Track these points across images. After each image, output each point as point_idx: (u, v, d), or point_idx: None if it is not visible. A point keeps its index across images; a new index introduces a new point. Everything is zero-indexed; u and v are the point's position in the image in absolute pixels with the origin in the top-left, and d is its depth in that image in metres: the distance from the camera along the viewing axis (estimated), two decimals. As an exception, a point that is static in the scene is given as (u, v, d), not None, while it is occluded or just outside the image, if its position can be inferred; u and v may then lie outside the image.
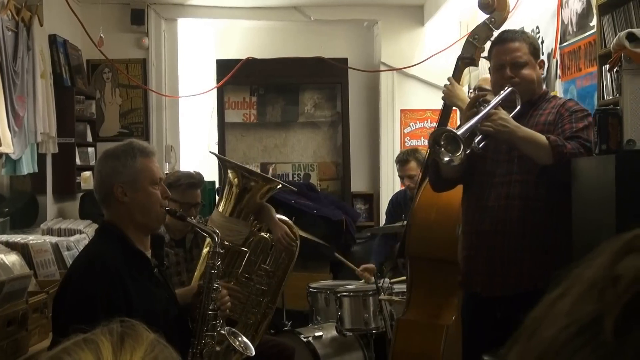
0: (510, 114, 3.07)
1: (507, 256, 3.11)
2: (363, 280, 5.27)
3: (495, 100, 3.05)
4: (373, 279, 5.12)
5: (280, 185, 3.79)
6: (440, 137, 2.94)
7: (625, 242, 0.54)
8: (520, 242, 3.09)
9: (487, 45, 3.49)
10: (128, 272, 2.61)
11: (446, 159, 2.93)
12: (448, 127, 3.06)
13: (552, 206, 3.08)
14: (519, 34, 3.24)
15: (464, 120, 3.06)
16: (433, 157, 3.04)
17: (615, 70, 2.85)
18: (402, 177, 5.52)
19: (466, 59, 3.56)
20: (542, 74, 3.32)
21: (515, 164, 3.11)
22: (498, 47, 3.22)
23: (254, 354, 3.17)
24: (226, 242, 3.53)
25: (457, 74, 3.60)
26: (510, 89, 3.13)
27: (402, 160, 5.50)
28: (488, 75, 4.10)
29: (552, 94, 3.39)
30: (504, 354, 0.55)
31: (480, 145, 3.02)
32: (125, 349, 0.93)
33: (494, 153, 3.17)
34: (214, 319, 2.87)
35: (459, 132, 2.89)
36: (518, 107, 3.13)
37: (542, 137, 2.97)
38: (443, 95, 3.57)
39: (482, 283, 3.20)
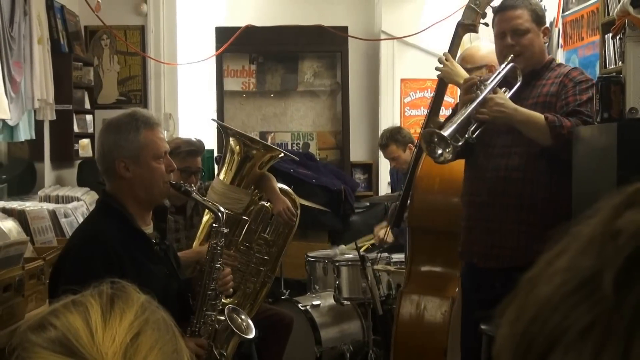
0: (510, 90, 3.03)
1: (504, 229, 3.07)
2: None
3: (492, 83, 2.98)
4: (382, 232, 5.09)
5: (282, 155, 3.75)
6: (431, 137, 2.94)
7: (626, 196, 0.51)
8: (518, 215, 3.05)
9: (488, 10, 3.44)
10: (126, 251, 2.55)
11: (439, 152, 2.93)
12: (435, 129, 3.00)
13: (553, 181, 3.03)
14: (520, 1, 3.16)
15: (461, 105, 3.00)
16: (429, 155, 3.05)
17: (618, 37, 2.80)
18: (388, 159, 5.63)
19: (466, 25, 3.50)
20: (546, 42, 3.27)
21: (515, 135, 3.05)
22: (499, 15, 3.17)
23: (254, 335, 3.11)
24: (226, 211, 3.51)
25: (456, 41, 3.54)
26: (510, 65, 3.06)
27: (382, 145, 5.55)
28: (473, 49, 4.04)
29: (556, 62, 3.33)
30: (498, 314, 0.52)
31: (475, 135, 2.97)
32: (114, 311, 0.90)
33: (493, 124, 3.13)
34: (215, 298, 2.80)
35: (446, 133, 2.87)
36: (519, 84, 3.07)
37: (540, 118, 2.91)
38: (440, 74, 3.44)
39: (479, 254, 3.18)
